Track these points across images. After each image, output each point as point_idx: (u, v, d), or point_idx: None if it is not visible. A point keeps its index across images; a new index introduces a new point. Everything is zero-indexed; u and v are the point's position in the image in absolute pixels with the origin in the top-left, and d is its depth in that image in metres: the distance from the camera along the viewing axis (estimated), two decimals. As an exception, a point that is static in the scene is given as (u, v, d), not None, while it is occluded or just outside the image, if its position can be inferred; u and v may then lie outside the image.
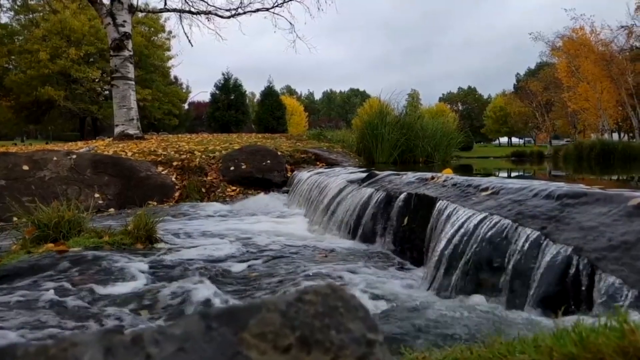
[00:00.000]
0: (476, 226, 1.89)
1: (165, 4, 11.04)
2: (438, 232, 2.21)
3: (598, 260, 1.35)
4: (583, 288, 1.36)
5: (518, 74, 54.54)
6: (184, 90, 39.72)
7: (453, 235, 1.98)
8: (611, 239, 1.39)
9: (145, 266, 2.32)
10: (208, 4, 11.34)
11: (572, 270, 1.40)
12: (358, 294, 1.84)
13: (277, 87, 27.40)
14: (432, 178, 2.92)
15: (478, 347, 0.73)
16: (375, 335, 0.37)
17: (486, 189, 2.26)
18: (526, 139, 54.13)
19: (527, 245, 1.61)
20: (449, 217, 2.18)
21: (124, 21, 9.05)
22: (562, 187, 1.87)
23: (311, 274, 2.21)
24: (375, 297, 1.82)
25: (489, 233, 1.79)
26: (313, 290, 0.39)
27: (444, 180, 2.73)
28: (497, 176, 6.21)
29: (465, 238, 1.90)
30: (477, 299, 1.63)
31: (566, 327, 0.65)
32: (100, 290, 1.99)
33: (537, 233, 1.61)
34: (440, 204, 2.35)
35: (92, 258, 2.33)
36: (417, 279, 2.14)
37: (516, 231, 1.70)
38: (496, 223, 1.81)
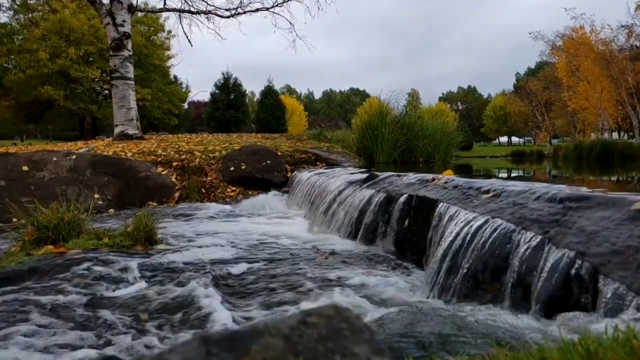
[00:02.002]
0: (478, 229, 1.88)
1: (165, 3, 10.99)
2: (439, 235, 2.20)
3: (601, 265, 1.34)
4: (586, 293, 1.35)
5: (518, 73, 54.45)
6: (183, 90, 39.59)
7: (454, 239, 1.96)
8: (614, 243, 1.37)
9: (144, 268, 2.31)
10: (208, 4, 11.29)
11: (576, 275, 1.39)
12: (358, 298, 1.83)
13: (277, 87, 27.24)
14: (433, 180, 2.91)
15: (482, 359, 0.72)
16: (380, 359, 0.36)
17: (487, 191, 2.24)
18: (526, 138, 54.05)
19: (529, 249, 1.59)
20: (450, 219, 2.17)
21: (124, 21, 9.03)
22: (564, 190, 1.86)
23: (312, 277, 2.20)
24: (376, 301, 1.81)
25: (491, 237, 1.78)
26: (317, 312, 0.38)
27: (445, 182, 2.71)
28: (497, 177, 6.20)
29: (466, 241, 1.88)
30: (479, 304, 1.62)
31: (573, 340, 0.64)
32: (100, 293, 1.98)
33: (540, 237, 1.59)
34: (441, 207, 2.34)
35: (91, 260, 2.32)
36: (418, 283, 2.13)
37: (518, 235, 1.68)
38: (498, 226, 1.80)
